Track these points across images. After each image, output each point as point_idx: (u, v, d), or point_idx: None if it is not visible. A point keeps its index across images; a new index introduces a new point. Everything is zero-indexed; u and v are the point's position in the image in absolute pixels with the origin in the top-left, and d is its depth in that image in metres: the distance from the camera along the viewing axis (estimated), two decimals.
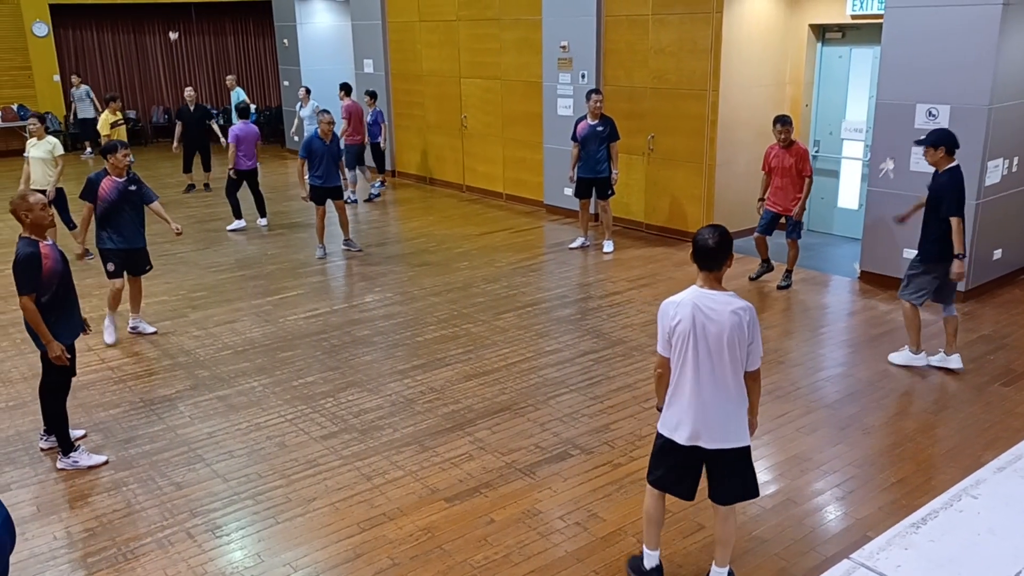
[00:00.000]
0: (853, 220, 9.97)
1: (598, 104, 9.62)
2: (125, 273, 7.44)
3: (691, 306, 3.74)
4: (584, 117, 9.76)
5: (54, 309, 5.23)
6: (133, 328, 7.75)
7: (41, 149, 10.28)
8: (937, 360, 6.58)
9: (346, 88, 13.22)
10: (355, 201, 12.95)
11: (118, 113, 12.61)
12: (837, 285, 8.69)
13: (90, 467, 5.36)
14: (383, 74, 14.81)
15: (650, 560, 4.11)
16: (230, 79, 16.69)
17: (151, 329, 7.79)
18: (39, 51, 18.14)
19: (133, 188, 7.26)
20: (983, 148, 7.58)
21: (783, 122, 8.19)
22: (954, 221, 6.16)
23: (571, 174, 10.00)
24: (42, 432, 5.65)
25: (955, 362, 6.51)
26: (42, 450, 5.60)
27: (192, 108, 13.98)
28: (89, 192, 7.16)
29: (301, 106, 14.43)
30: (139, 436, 5.79)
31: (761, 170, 8.59)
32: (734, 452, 3.84)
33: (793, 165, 8.18)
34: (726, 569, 4.06)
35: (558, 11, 11.33)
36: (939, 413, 5.91)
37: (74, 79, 17.65)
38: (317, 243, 10.23)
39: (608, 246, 10.07)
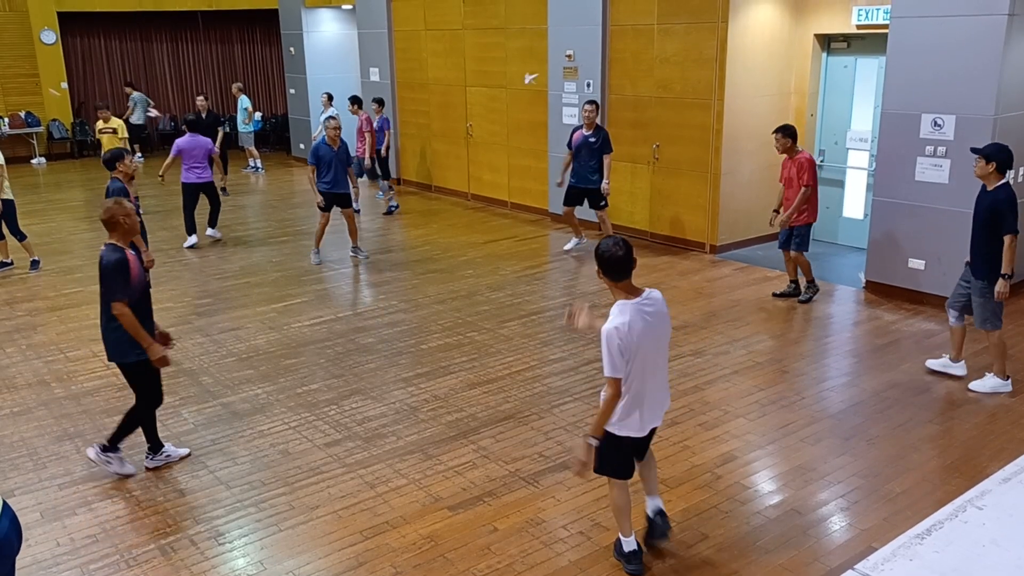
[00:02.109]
0: (858, 230, 9.96)
1: (589, 115, 9.66)
2: None
3: (640, 317, 3.92)
4: (580, 126, 9.81)
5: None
6: None
7: None
8: (939, 365, 6.64)
9: (357, 101, 13.11)
10: (358, 210, 12.94)
11: (111, 120, 12.67)
12: (842, 295, 8.68)
13: (117, 473, 5.33)
14: (389, 82, 14.86)
15: (630, 544, 4.35)
16: (236, 87, 16.76)
17: None
18: (47, 59, 18.23)
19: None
20: None
21: (775, 131, 8.07)
22: (1009, 239, 5.95)
23: (560, 179, 10.11)
24: (148, 452, 5.49)
25: (960, 369, 6.58)
26: (148, 469, 5.44)
27: (204, 115, 14.13)
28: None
29: (323, 111, 14.50)
30: (142, 443, 5.77)
31: (778, 181, 8.47)
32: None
33: (795, 175, 8.03)
34: (658, 497, 4.51)
35: (564, 20, 11.36)
36: (944, 423, 5.89)
37: (127, 89, 17.72)
38: (313, 248, 10.24)
39: (572, 242, 10.23)
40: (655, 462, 4.55)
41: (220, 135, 14.58)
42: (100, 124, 13.02)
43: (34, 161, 18.18)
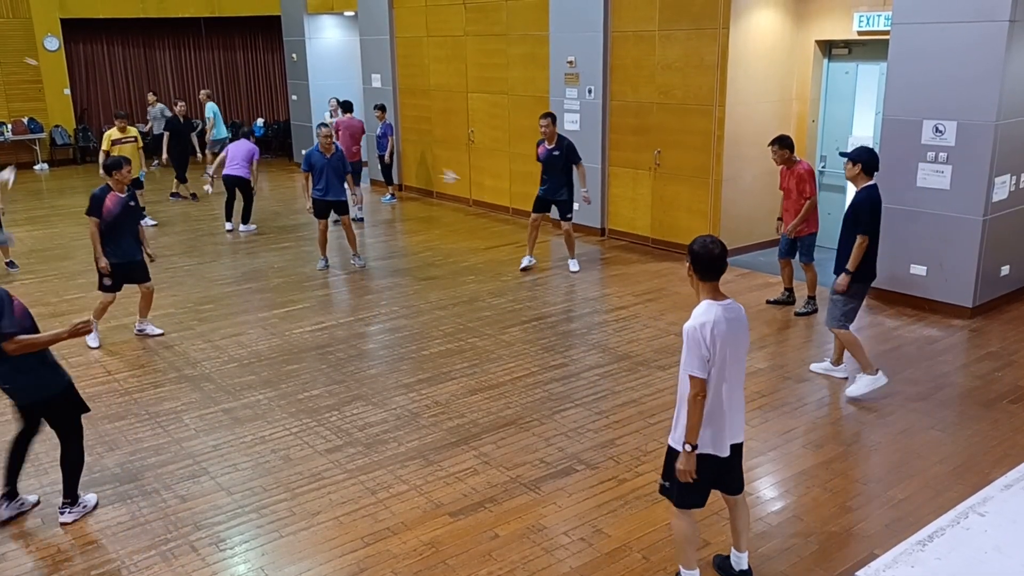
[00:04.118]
0: None
1: (546, 128, 9.43)
2: (122, 286, 7.66)
3: (724, 320, 3.76)
4: (543, 141, 9.60)
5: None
6: (140, 330, 7.97)
7: None
8: (822, 368, 6.83)
9: (345, 105, 13.26)
10: (361, 219, 12.87)
11: (129, 130, 12.42)
12: None
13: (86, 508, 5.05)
14: (391, 89, 14.88)
15: None
16: (204, 93, 16.70)
17: (158, 331, 7.99)
18: (50, 65, 18.27)
19: (132, 204, 7.52)
20: (990, 164, 7.57)
21: (771, 143, 8.03)
22: (860, 238, 6.21)
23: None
24: (65, 505, 4.98)
25: (840, 372, 6.74)
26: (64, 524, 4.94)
27: (182, 120, 14.31)
28: (96, 208, 7.28)
29: (331, 115, 14.51)
30: (144, 448, 5.79)
31: (779, 189, 8.45)
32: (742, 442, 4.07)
33: (794, 187, 7.97)
34: (746, 553, 4.24)
35: (565, 27, 11.38)
36: (946, 430, 5.88)
37: (150, 97, 17.45)
38: (319, 255, 10.28)
39: (574, 265, 9.92)
40: (747, 511, 4.26)
41: (194, 140, 15.08)
42: (115, 134, 12.21)
43: (37, 167, 18.20)
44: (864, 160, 6.26)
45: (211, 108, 16.18)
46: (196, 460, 5.62)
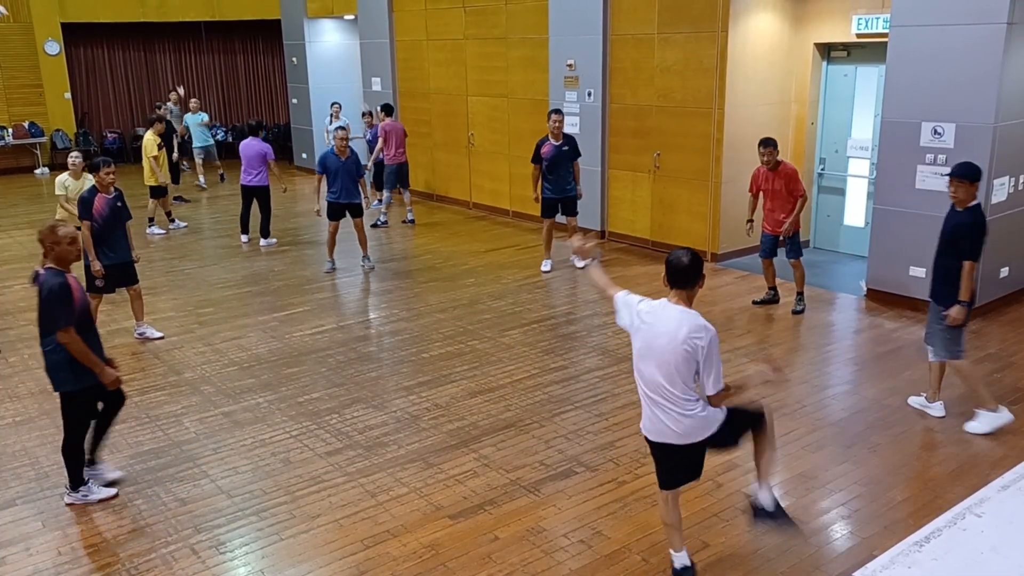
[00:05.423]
0: (859, 238, 9.97)
1: (558, 124, 9.52)
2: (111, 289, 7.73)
3: (651, 313, 4.13)
4: (547, 139, 9.65)
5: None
6: (140, 334, 8.01)
7: None
8: (917, 403, 6.22)
9: (386, 109, 12.83)
10: (385, 224, 12.72)
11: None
12: (843, 303, 8.68)
13: (103, 500, 5.18)
14: (391, 92, 14.91)
15: (679, 560, 4.28)
16: (193, 103, 16.54)
17: (158, 334, 8.02)
18: (50, 69, 18.30)
19: (120, 204, 7.58)
20: (989, 166, 7.57)
21: (765, 144, 8.00)
22: (968, 265, 5.65)
23: (535, 194, 9.90)
24: (67, 487, 5.20)
25: (937, 410, 6.09)
26: (68, 506, 5.15)
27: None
28: (86, 211, 7.33)
29: (331, 120, 14.47)
30: (144, 452, 5.80)
31: (748, 191, 8.50)
32: (711, 437, 4.12)
33: (783, 187, 7.98)
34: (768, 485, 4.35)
35: (564, 30, 11.40)
36: (945, 432, 5.88)
37: (192, 103, 17.22)
38: (326, 257, 10.27)
39: (579, 261, 9.90)
40: (767, 444, 4.32)
41: (176, 142, 15.20)
42: (155, 138, 12.06)
43: (37, 171, 18.23)
44: (979, 179, 5.71)
45: (189, 118, 16.19)
46: (196, 463, 5.63)
